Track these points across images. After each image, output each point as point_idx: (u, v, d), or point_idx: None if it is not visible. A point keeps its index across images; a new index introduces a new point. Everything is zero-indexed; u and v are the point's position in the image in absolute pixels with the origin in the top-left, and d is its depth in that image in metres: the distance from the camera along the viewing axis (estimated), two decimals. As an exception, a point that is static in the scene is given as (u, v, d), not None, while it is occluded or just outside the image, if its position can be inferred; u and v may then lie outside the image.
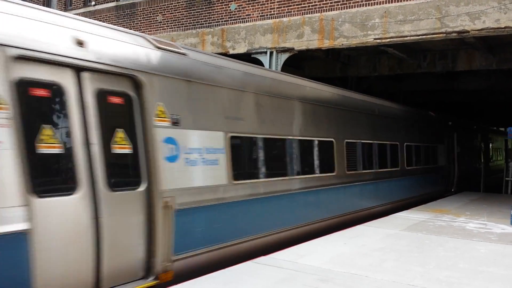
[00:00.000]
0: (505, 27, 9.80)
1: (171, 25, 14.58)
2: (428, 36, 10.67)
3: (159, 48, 6.00)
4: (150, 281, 5.29)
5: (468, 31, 10.23)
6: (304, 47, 12.18)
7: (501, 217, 10.89)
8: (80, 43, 4.90)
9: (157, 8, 14.97)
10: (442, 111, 25.07)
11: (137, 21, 15.43)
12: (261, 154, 7.48)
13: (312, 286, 5.33)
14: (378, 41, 11.25)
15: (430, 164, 16.29)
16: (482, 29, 10.08)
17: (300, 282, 5.44)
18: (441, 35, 10.55)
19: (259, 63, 12.54)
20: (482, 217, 10.98)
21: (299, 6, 12.17)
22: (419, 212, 11.46)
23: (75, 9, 17.38)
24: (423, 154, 15.54)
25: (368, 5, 11.25)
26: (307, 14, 12.06)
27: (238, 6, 13.19)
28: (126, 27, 15.39)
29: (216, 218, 6.35)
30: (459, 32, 10.35)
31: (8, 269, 3.94)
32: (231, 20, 13.32)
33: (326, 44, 11.87)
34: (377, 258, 6.67)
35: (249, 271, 5.81)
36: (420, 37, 10.77)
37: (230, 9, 13.32)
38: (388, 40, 11.13)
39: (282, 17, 12.42)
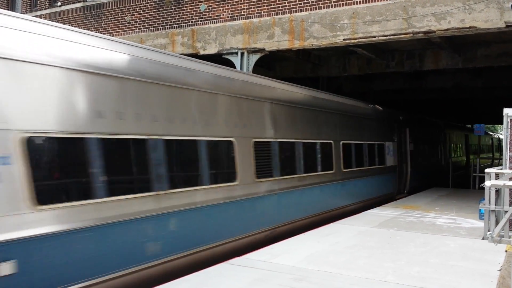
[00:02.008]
0: (469, 27, 10.07)
1: (140, 26, 14.40)
2: (396, 36, 10.87)
3: None
4: (405, 193, 14.41)
5: (434, 31, 10.47)
6: (275, 48, 12.22)
7: (470, 212, 11.18)
8: None
9: (125, 9, 14.75)
10: (411, 110, 25.61)
11: (105, 22, 15.16)
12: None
13: (286, 285, 5.34)
14: (347, 41, 11.39)
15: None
16: (447, 29, 10.33)
17: (274, 282, 5.44)
18: (408, 35, 10.76)
19: (231, 64, 12.51)
20: (452, 212, 11.25)
21: (269, 7, 12.20)
22: (391, 209, 11.65)
23: (40, 9, 16.95)
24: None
25: (337, 6, 11.38)
26: (277, 15, 12.10)
27: (208, 6, 13.12)
28: (94, 28, 15.11)
29: None
30: (425, 32, 10.57)
31: None
32: (201, 20, 13.24)
33: (297, 44, 11.94)
34: (350, 255, 6.74)
35: (223, 273, 5.78)
36: (388, 37, 10.96)
37: (200, 10, 13.24)
38: (357, 40, 11.29)
39: (252, 18, 12.44)
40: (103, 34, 13.05)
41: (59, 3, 16.47)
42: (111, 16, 15.08)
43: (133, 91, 5.75)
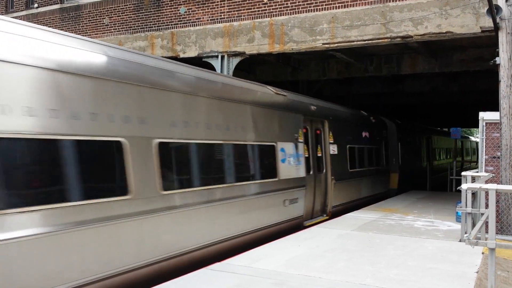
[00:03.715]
0: (446, 32, 10.26)
1: (118, 28, 14.24)
2: (374, 41, 11.01)
3: None
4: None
5: (411, 36, 10.63)
6: (255, 51, 12.24)
7: (447, 215, 11.35)
8: None
9: (103, 11, 14.58)
10: (389, 113, 25.91)
11: (82, 24, 14.96)
12: None
13: (267, 290, 5.32)
14: (326, 45, 11.48)
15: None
16: (424, 34, 10.51)
17: (255, 287, 5.41)
18: (386, 40, 10.90)
19: (211, 67, 12.47)
20: (429, 215, 11.41)
21: (249, 10, 12.22)
22: (370, 212, 11.75)
23: (16, 11, 16.62)
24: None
25: (316, 11, 11.46)
26: (257, 18, 12.13)
27: (187, 9, 13.07)
28: (71, 31, 14.89)
29: None
30: (403, 37, 10.73)
31: None
32: (181, 23, 13.18)
33: (277, 48, 11.99)
34: (330, 259, 6.77)
35: (203, 279, 5.72)
36: (367, 42, 11.10)
37: (179, 13, 13.17)
38: (336, 44, 11.39)
39: (232, 21, 12.43)
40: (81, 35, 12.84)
41: (35, 5, 16.19)
42: (89, 18, 14.89)
43: None
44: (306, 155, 10.69)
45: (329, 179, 11.74)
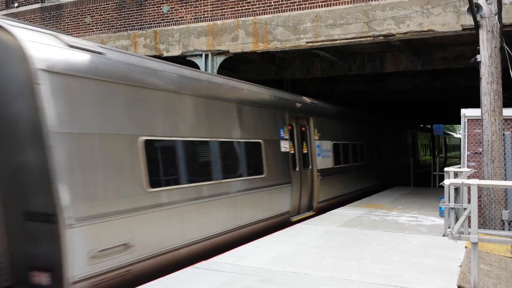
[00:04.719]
0: (428, 30, 10.39)
1: (100, 27, 14.10)
2: (357, 39, 11.09)
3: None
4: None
5: (394, 35, 10.74)
6: (239, 50, 12.23)
7: (431, 210, 11.50)
8: None
9: (85, 10, 14.41)
10: (373, 111, 26.14)
11: (64, 23, 14.77)
12: None
13: (253, 287, 5.33)
14: (310, 44, 11.53)
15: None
16: (406, 33, 10.62)
17: (241, 285, 5.42)
18: (369, 38, 10.99)
19: (195, 66, 12.43)
20: (413, 210, 11.55)
21: (233, 9, 12.21)
22: (355, 208, 11.84)
23: (-5, 10, 16.33)
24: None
25: (300, 9, 11.50)
26: (241, 17, 12.12)
27: (170, 8, 13.00)
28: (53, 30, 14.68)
29: None
30: (385, 36, 10.83)
31: None
32: (164, 22, 13.10)
33: (261, 47, 12.00)
34: (316, 256, 6.81)
35: (189, 278, 5.71)
36: (350, 40, 11.17)
37: (162, 11, 13.10)
38: (320, 43, 11.44)
39: (216, 20, 12.40)
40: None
41: (16, 4, 15.93)
42: (70, 17, 14.71)
43: None
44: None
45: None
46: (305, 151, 11.66)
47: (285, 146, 10.54)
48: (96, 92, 5.70)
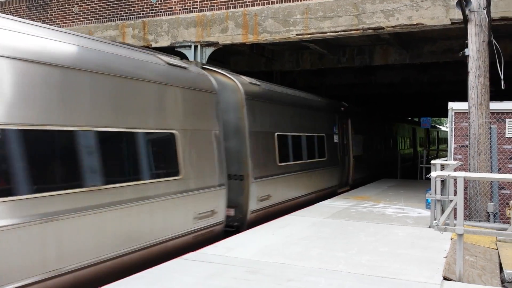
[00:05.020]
0: (417, 24, 10.43)
1: (88, 17, 13.93)
2: (347, 32, 11.11)
3: None
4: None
5: (383, 28, 10.77)
6: (228, 42, 12.18)
7: (417, 202, 11.63)
8: None
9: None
10: (362, 104, 26.27)
11: (51, 12, 14.56)
12: None
13: (241, 278, 5.35)
14: (300, 36, 11.52)
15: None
16: (396, 26, 10.66)
17: (229, 276, 5.44)
18: (358, 31, 11.01)
19: (184, 57, 12.35)
20: (400, 202, 11.66)
21: (222, 0, 12.14)
22: (343, 200, 11.93)
23: (-20, -1, 16.03)
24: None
25: (290, 1, 11.48)
26: (230, 8, 12.05)
27: (159, -2, 12.88)
28: (39, 20, 14.49)
29: None
30: (375, 29, 10.86)
31: None
32: (152, 12, 12.98)
33: (250, 39, 11.96)
34: (304, 247, 6.85)
35: (177, 268, 5.72)
36: (339, 33, 11.18)
37: (151, 2, 12.97)
38: (309, 36, 11.44)
39: (205, 11, 12.32)
40: (50, 25, 12.54)
41: (1, -8, 15.65)
42: (57, 6, 14.51)
43: None
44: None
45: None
46: (344, 142, 15.59)
47: (336, 138, 14.83)
48: (264, 108, 10.26)
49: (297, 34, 11.50)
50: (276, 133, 10.52)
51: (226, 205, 8.42)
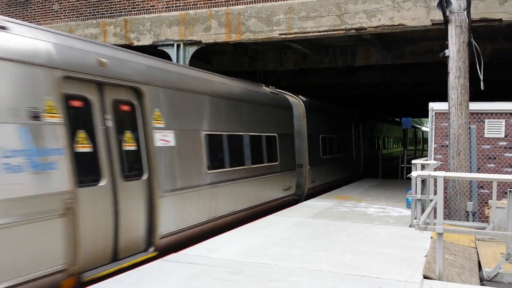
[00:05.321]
0: (398, 25, 10.54)
1: (69, 15, 13.72)
2: (329, 32, 11.16)
3: None
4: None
5: (365, 28, 10.85)
6: (211, 41, 12.12)
7: (398, 201, 11.75)
8: None
9: (53, -4, 13.99)
10: (344, 104, 26.42)
11: (31, 9, 14.30)
12: None
13: (223, 279, 5.33)
14: (283, 36, 11.53)
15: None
16: (378, 26, 10.74)
17: (211, 277, 5.41)
18: (341, 31, 11.07)
19: (166, 56, 12.26)
20: (381, 201, 11.76)
21: (205, -1, 12.08)
22: (325, 200, 11.99)
23: (-43, -6, 15.66)
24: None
25: (273, 1, 11.48)
26: (213, 7, 12.00)
27: (142, -4, 12.75)
28: (19, 17, 14.21)
29: None
30: (357, 29, 10.93)
31: None
32: (134, 10, 12.84)
33: (234, 38, 11.92)
34: (286, 247, 6.86)
35: (159, 270, 5.66)
36: (322, 33, 11.23)
37: None
38: (293, 35, 11.46)
39: (188, 10, 12.24)
40: (29, 23, 12.34)
41: (-22, -12, 15.30)
42: (37, 3, 14.25)
43: None
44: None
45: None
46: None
47: (352, 138, 19.33)
48: (314, 117, 14.53)
49: (280, 34, 11.50)
50: (320, 135, 14.89)
51: (296, 183, 12.84)
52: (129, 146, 6.59)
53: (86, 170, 5.71)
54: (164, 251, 6.76)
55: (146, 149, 6.79)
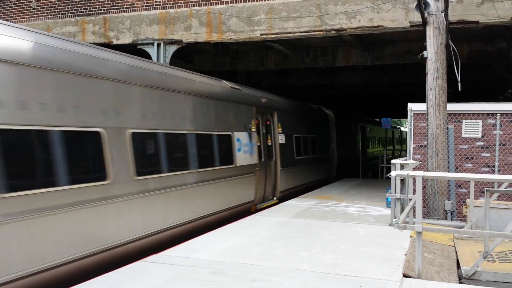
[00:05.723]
0: (378, 26, 10.65)
1: (46, 12, 13.47)
2: (310, 33, 11.21)
3: None
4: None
5: (345, 29, 10.93)
6: (192, 40, 12.05)
7: (378, 201, 11.87)
8: None
9: (30, -7, 13.71)
10: (324, 104, 26.61)
11: (7, 7, 13.99)
12: None
13: (204, 280, 5.30)
14: (264, 36, 11.54)
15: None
16: (357, 28, 10.84)
17: (192, 278, 5.37)
18: (321, 32, 11.13)
19: (146, 55, 12.14)
20: (362, 201, 11.87)
21: (186, -2, 12.00)
22: (306, 199, 12.04)
23: None
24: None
25: (254, 1, 11.48)
26: (194, 6, 11.94)
27: (121, -6, 12.60)
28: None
29: None
30: (337, 30, 11.01)
31: None
32: (114, 8, 12.69)
33: (215, 37, 11.88)
34: (268, 247, 6.86)
35: (139, 271, 5.60)
36: (303, 33, 11.27)
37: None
38: (274, 36, 11.48)
39: (168, 8, 12.15)
40: (5, 20, 12.08)
41: (-48, -16, 14.90)
42: (14, 1, 13.95)
43: None
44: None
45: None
46: (269, 143, 15.69)
47: (356, 141, 24.31)
48: (338, 125, 20.75)
49: (261, 34, 11.51)
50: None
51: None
52: (269, 143, 12.35)
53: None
54: (280, 200, 12.43)
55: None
